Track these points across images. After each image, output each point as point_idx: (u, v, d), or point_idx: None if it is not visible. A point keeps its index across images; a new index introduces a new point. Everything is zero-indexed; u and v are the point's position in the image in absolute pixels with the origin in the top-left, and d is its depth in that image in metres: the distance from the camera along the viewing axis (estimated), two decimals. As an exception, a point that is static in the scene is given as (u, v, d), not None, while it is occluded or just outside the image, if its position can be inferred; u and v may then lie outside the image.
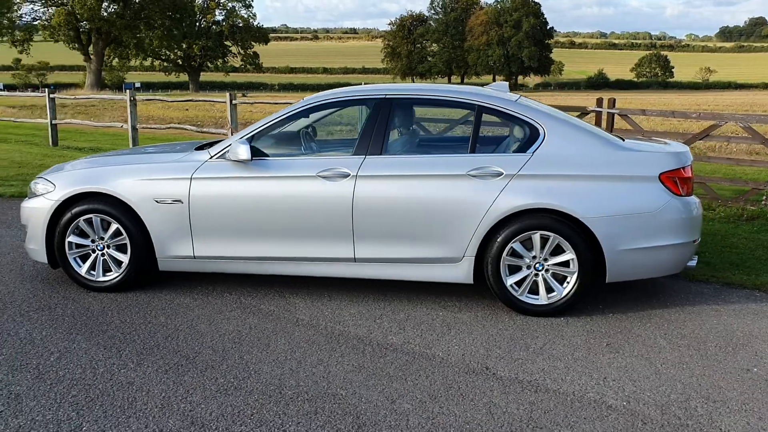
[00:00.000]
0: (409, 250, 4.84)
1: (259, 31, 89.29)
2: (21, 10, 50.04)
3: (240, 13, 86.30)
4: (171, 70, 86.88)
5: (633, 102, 42.78)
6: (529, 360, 4.08)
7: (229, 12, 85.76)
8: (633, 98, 54.00)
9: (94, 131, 19.93)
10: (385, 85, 5.26)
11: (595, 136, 4.84)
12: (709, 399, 3.60)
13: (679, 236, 4.71)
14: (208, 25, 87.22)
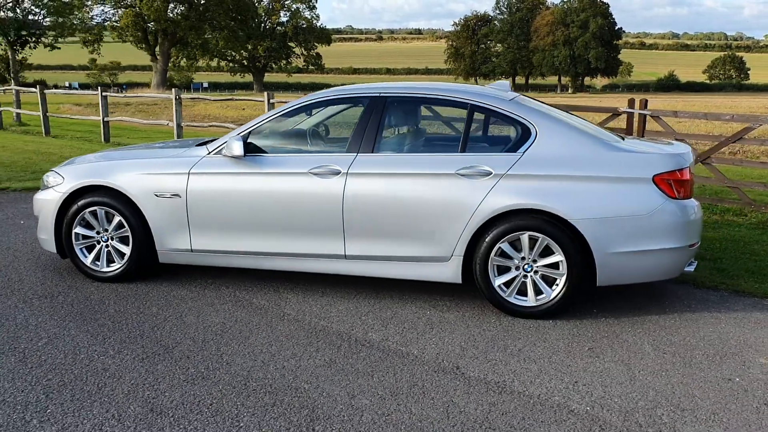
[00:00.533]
0: (399, 249, 4.84)
1: (322, 32, 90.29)
2: (92, 12, 51.97)
3: (304, 14, 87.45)
4: (236, 71, 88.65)
5: (696, 105, 41.54)
6: (503, 361, 4.03)
7: (293, 13, 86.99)
8: (700, 101, 52.37)
9: (147, 128, 20.54)
10: (382, 83, 5.28)
11: (588, 137, 4.74)
12: (679, 407, 3.50)
13: (673, 240, 4.57)
14: (272, 27, 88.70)
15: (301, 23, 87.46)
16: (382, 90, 5.09)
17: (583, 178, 4.57)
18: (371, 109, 4.99)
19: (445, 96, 5.02)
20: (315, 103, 5.25)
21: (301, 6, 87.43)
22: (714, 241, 6.88)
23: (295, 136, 5.29)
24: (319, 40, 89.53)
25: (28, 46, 26.47)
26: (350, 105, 5.29)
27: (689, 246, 4.66)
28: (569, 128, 4.77)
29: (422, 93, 5.10)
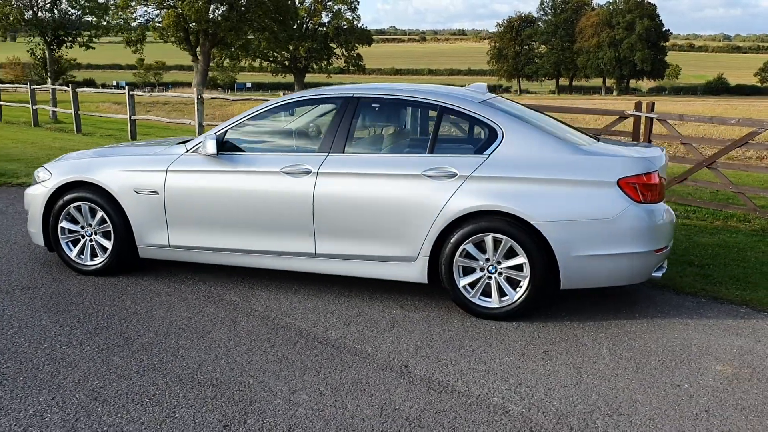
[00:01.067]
0: (367, 248, 4.89)
1: (363, 33, 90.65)
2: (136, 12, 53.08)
3: (345, 15, 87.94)
4: (278, 71, 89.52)
5: (739, 109, 40.60)
6: (454, 361, 4.05)
7: (334, 14, 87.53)
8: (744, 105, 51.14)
9: (174, 127, 20.91)
10: (357, 85, 5.34)
11: (555, 139, 4.72)
12: (617, 412, 3.48)
13: (638, 244, 4.53)
14: (314, 28, 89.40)
15: (342, 24, 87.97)
16: (356, 91, 5.14)
17: (547, 181, 4.56)
18: (344, 109, 5.05)
19: (416, 97, 5.05)
20: (291, 103, 5.33)
21: (343, 7, 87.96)
22: (707, 246, 6.77)
23: (271, 136, 5.37)
24: (359, 41, 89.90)
25: (64, 46, 27.21)
26: (324, 105, 5.35)
27: (655, 251, 4.61)
28: (536, 131, 4.75)
29: (393, 94, 5.14)
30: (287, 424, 3.31)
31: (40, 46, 26.83)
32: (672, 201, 8.75)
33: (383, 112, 5.27)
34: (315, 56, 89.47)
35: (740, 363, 4.10)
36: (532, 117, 5.18)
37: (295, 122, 5.43)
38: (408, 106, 5.16)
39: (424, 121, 5.08)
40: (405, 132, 5.23)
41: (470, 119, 4.88)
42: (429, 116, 5.00)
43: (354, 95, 5.10)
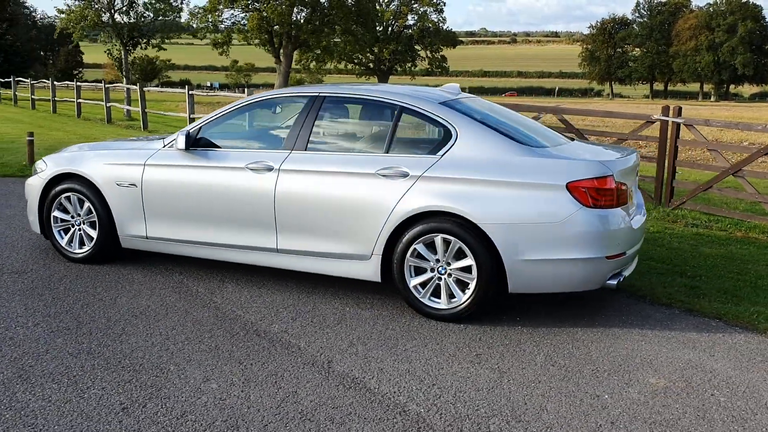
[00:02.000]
0: (324, 245, 4.94)
1: (448, 35, 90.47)
2: (223, 15, 54.74)
3: (431, 17, 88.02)
4: (362, 73, 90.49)
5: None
6: (380, 359, 4.05)
7: (420, 16, 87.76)
8: None
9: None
10: (324, 85, 5.40)
11: (507, 141, 4.65)
12: (517, 419, 3.41)
13: (587, 250, 4.40)
14: (399, 30, 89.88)
15: (427, 26, 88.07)
16: (321, 90, 5.21)
17: (495, 183, 4.50)
18: (308, 108, 5.13)
19: (377, 97, 5.08)
20: (261, 102, 5.45)
21: (429, 9, 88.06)
22: (710, 258, 6.46)
23: (242, 133, 5.50)
24: (444, 43, 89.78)
25: (139, 47, 28.47)
26: (292, 104, 5.43)
27: (607, 257, 4.46)
28: (490, 133, 4.69)
29: (356, 94, 5.18)
30: (183, 410, 3.41)
31: (117, 47, 28.16)
32: (697, 210, 8.39)
33: (346, 111, 5.32)
34: (399, 58, 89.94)
35: (679, 377, 3.93)
36: (501, 119, 5.11)
37: (265, 120, 5.54)
38: (370, 105, 5.18)
39: (384, 120, 5.09)
40: (365, 131, 5.25)
41: (428, 120, 4.86)
42: (389, 116, 5.01)
43: (319, 94, 5.17)
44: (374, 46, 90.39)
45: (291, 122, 5.26)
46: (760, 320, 4.82)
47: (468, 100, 5.30)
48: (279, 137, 5.39)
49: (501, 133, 4.72)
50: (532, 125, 5.44)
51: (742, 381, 3.89)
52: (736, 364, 4.12)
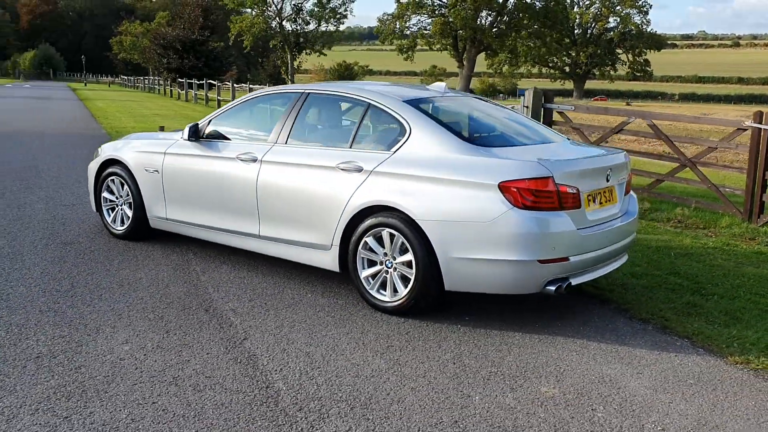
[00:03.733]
0: (295, 233, 5.21)
1: (652, 38, 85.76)
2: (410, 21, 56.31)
3: (633, 19, 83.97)
4: (556, 77, 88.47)
5: None
6: (292, 341, 4.24)
7: (622, 19, 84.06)
8: None
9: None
10: (313, 84, 5.65)
11: (453, 139, 4.63)
12: (361, 406, 3.47)
13: (516, 252, 4.29)
14: (599, 33, 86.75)
15: (629, 29, 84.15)
16: (306, 88, 5.50)
17: (434, 180, 4.52)
18: (293, 104, 5.43)
19: (351, 94, 5.27)
20: (259, 98, 5.84)
21: (632, 11, 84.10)
22: (745, 277, 5.86)
23: (244, 125, 5.88)
24: (648, 46, 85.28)
25: (304, 53, 30.12)
26: (283, 100, 5.73)
27: (540, 261, 4.31)
28: (439, 130, 4.70)
29: (333, 91, 5.39)
30: (80, 364, 3.84)
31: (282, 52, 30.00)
32: (784, 227, 7.56)
33: (326, 107, 5.52)
34: (597, 62, 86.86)
35: (576, 389, 3.75)
36: (476, 118, 5.09)
37: (266, 114, 5.88)
38: (344, 102, 5.36)
39: (354, 116, 5.24)
40: (337, 126, 5.42)
41: (389, 117, 4.96)
42: (358, 112, 5.17)
43: (304, 91, 5.46)
44: (570, 49, 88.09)
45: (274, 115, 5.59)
46: (733, 345, 4.39)
47: (447, 99, 5.33)
48: (269, 130, 5.72)
49: (452, 131, 4.71)
50: (519, 126, 5.35)
51: (644, 401, 3.63)
52: (655, 385, 3.83)
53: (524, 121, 5.56)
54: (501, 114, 5.53)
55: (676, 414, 3.51)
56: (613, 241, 4.79)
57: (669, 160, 8.97)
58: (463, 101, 5.50)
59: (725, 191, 8.24)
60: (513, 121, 5.48)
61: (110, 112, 25.73)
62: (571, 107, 10.12)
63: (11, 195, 8.48)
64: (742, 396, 3.74)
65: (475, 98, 5.91)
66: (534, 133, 5.27)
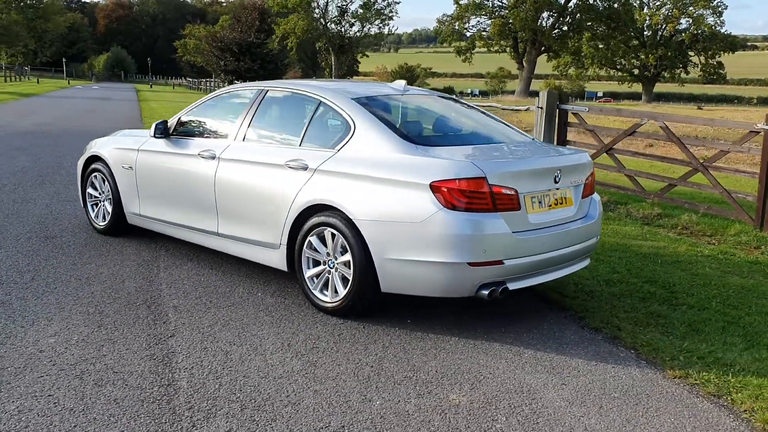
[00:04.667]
0: (248, 231, 5.17)
1: (726, 39, 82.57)
2: (469, 22, 55.80)
3: (706, 20, 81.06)
4: (624, 80, 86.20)
5: None
6: (216, 339, 4.21)
7: (694, 20, 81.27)
8: None
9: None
10: (273, 81, 5.60)
11: (393, 138, 4.51)
12: (253, 407, 3.41)
13: (445, 254, 4.14)
14: (669, 34, 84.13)
15: (701, 30, 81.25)
16: (266, 85, 5.47)
17: (371, 179, 4.42)
18: (252, 101, 5.41)
19: (304, 91, 5.20)
20: (224, 95, 5.84)
21: (706, 12, 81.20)
22: (726, 287, 5.54)
23: (209, 123, 5.88)
24: (722, 48, 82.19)
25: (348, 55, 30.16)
26: (245, 97, 5.70)
27: (470, 264, 4.15)
28: (381, 128, 4.60)
29: (290, 88, 5.34)
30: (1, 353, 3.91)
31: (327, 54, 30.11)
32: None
33: (281, 105, 5.45)
34: (667, 64, 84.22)
35: (487, 398, 3.59)
36: (432, 117, 4.97)
37: (230, 111, 5.85)
38: (299, 99, 5.28)
39: (307, 114, 5.16)
40: (290, 124, 5.34)
41: (337, 114, 4.88)
42: (310, 110, 5.10)
43: (263, 89, 5.43)
44: (639, 51, 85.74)
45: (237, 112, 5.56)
46: (679, 358, 4.14)
47: (406, 97, 5.21)
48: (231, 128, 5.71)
49: (395, 130, 4.60)
50: (478, 125, 5.20)
51: (554, 414, 3.46)
52: (575, 397, 3.64)
53: (486, 121, 5.40)
54: (461, 113, 5.38)
55: (582, 428, 3.32)
56: (563, 245, 4.58)
57: (680, 164, 8.58)
58: (422, 100, 5.38)
59: (737, 197, 7.82)
60: (473, 120, 5.33)
61: (160, 113, 26.36)
62: (584, 108, 9.81)
63: (22, 190, 8.73)
64: (664, 412, 3.52)
65: (440, 97, 5.77)
66: (492, 133, 5.11)
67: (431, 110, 5.32)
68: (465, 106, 5.74)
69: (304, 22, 28.75)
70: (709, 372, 3.95)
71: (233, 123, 5.49)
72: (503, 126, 5.41)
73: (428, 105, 5.38)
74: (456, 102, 5.78)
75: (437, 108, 5.40)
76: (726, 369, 4.00)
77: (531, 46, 53.04)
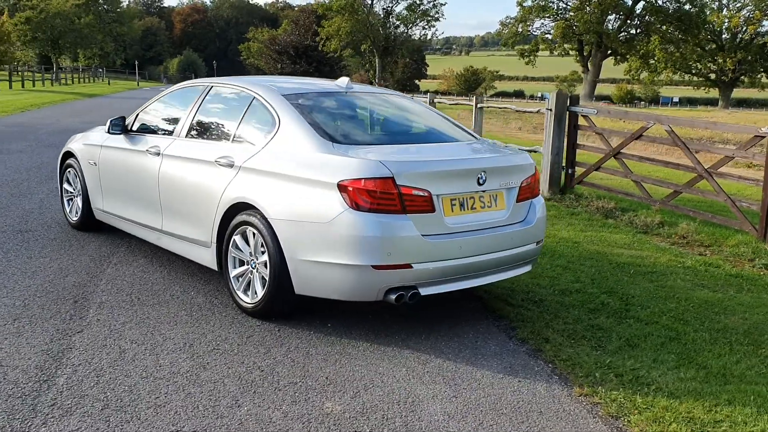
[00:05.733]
0: (186, 229, 5.12)
1: (812, 40, 78.45)
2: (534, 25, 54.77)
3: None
4: (701, 85, 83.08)
5: None
6: (122, 337, 4.14)
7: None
8: None
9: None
10: (225, 77, 5.52)
11: (312, 136, 4.36)
12: (112, 406, 3.34)
13: (349, 256, 3.98)
14: (750, 37, 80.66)
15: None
16: (211, 81, 5.42)
17: (287, 178, 4.30)
18: (196, 97, 5.36)
19: (242, 87, 5.11)
20: (177, 91, 5.82)
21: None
22: (691, 301, 5.17)
23: (162, 120, 5.85)
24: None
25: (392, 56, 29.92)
26: (192, 93, 5.63)
27: (374, 267, 3.97)
28: (303, 126, 4.46)
29: (228, 84, 5.26)
30: None
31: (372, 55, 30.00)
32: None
33: (221, 101, 5.35)
34: (747, 69, 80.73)
35: (365, 408, 3.42)
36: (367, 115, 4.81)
37: (177, 106, 5.80)
38: (237, 95, 5.18)
39: (242, 110, 5.05)
40: (227, 120, 5.23)
41: (266, 110, 4.76)
42: (245, 106, 4.99)
43: (208, 84, 5.37)
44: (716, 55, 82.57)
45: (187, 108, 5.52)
46: (595, 375, 3.87)
47: (347, 95, 5.06)
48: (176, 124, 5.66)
49: (317, 128, 4.45)
50: (419, 125, 5.01)
51: (427, 427, 3.25)
52: (460, 411, 3.44)
53: (433, 122, 5.20)
54: (408, 113, 5.20)
55: (446, 445, 3.11)
56: (488, 250, 4.35)
57: (686, 170, 8.11)
58: (365, 98, 5.22)
59: (741, 205, 7.34)
60: (417, 121, 5.15)
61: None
62: (593, 110, 9.40)
63: (25, 186, 8.94)
64: (548, 431, 3.26)
65: (392, 95, 5.59)
66: (430, 134, 4.92)
67: (371, 109, 5.16)
68: (422, 107, 5.51)
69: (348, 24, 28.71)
70: (620, 391, 3.67)
71: (179, 119, 5.45)
72: (452, 127, 5.18)
73: (368, 104, 5.21)
74: (410, 102, 5.56)
75: (379, 107, 5.23)
76: (640, 388, 3.70)
77: (596, 49, 51.65)
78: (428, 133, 4.98)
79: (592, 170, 9.24)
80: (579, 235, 7.21)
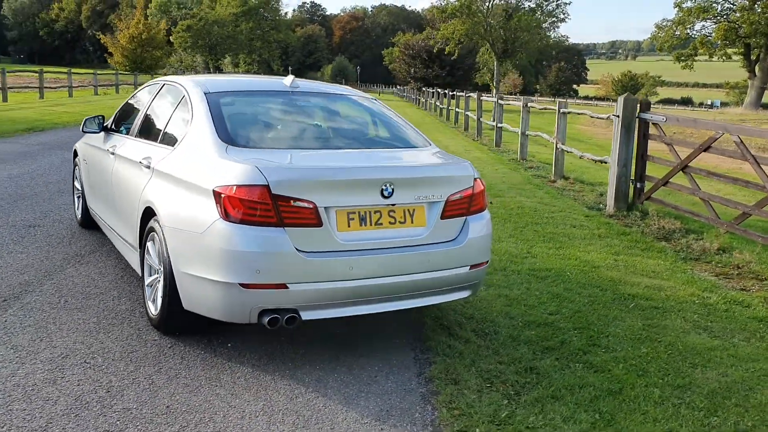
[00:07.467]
0: (124, 232, 4.94)
1: None
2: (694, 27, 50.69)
3: None
4: None
5: None
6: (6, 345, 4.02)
7: None
8: None
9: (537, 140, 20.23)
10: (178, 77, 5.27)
11: (212, 139, 3.99)
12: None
13: (218, 272, 3.59)
14: None
15: None
16: (165, 79, 5.23)
17: (180, 182, 3.99)
18: (150, 96, 5.18)
19: (178, 83, 4.86)
20: (139, 91, 5.71)
21: None
22: (679, 350, 4.27)
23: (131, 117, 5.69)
24: None
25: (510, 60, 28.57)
26: (150, 91, 5.45)
27: (242, 285, 3.54)
28: (207, 128, 4.11)
29: (176, 82, 4.99)
30: None
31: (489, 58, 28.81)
32: None
33: (165, 99, 5.07)
34: None
35: None
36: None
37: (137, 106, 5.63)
38: (176, 93, 4.90)
39: (173, 108, 4.77)
40: (163, 118, 4.94)
41: (188, 110, 4.46)
42: (176, 104, 4.72)
43: (161, 83, 5.19)
44: None
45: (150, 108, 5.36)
46: (474, 430, 3.21)
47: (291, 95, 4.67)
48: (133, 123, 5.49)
49: (220, 129, 4.07)
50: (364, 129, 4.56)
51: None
52: None
53: (374, 128, 4.68)
54: (349, 117, 4.72)
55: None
56: (396, 272, 3.78)
57: (755, 188, 6.94)
58: (307, 99, 4.78)
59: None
60: (353, 125, 4.67)
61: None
62: (662, 117, 8.32)
63: (54, 186, 9.01)
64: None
65: (348, 95, 5.08)
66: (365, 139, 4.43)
67: (308, 111, 4.71)
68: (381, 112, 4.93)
69: (464, 27, 27.73)
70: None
71: (136, 117, 5.30)
72: (400, 134, 4.63)
73: (308, 105, 4.76)
74: (369, 106, 5.00)
75: (318, 109, 4.77)
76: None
77: (765, 53, 47.06)
78: (357, 139, 4.47)
79: (660, 185, 8.20)
80: (607, 258, 6.33)
